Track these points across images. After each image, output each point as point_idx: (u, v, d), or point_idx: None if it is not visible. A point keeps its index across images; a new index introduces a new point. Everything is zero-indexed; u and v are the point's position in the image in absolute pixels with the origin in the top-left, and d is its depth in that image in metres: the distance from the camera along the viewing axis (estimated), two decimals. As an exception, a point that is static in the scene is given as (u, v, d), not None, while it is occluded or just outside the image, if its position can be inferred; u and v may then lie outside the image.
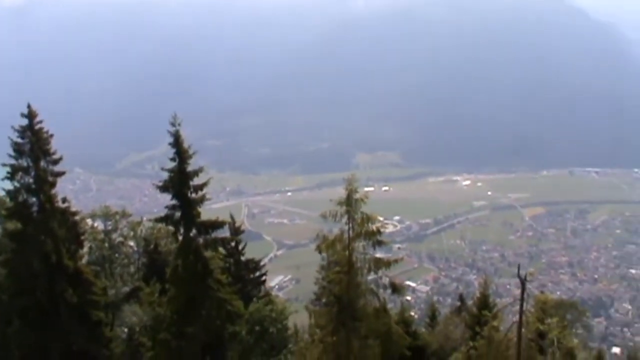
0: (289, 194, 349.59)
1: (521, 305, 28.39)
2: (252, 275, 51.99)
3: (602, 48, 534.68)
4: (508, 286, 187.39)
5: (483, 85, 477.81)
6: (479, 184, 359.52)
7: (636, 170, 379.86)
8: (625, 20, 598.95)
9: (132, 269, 53.84)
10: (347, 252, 31.49)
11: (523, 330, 32.03)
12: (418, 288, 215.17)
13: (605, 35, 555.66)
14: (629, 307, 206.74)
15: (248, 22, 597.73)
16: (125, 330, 43.23)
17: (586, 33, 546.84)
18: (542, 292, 58.94)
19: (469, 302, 50.82)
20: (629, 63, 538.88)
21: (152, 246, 49.49)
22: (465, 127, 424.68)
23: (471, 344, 35.03)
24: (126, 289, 49.22)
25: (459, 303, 57.79)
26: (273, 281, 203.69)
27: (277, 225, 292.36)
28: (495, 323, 33.86)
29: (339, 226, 31.44)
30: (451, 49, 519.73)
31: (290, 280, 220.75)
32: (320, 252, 32.04)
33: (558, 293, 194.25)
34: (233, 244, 48.63)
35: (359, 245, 31.87)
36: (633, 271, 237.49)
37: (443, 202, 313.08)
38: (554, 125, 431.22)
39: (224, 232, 45.72)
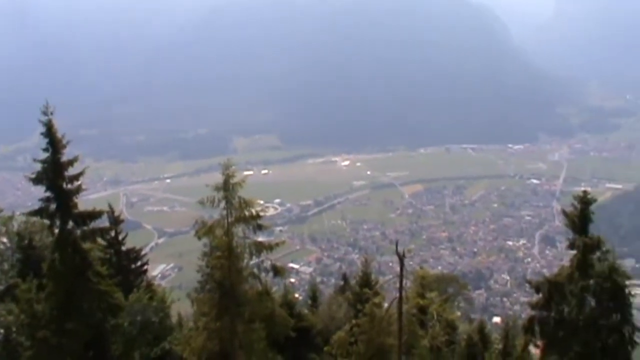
0: (168, 181, 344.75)
1: (400, 281, 28.73)
2: (133, 266, 50.88)
3: (477, 29, 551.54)
4: (390, 264, 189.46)
5: (359, 67, 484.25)
6: (358, 164, 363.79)
7: (510, 145, 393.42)
8: (499, 2, 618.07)
9: (6, 266, 51.74)
10: (226, 237, 31.19)
11: (404, 305, 32.46)
12: (301, 270, 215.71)
13: (480, 16, 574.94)
14: (507, 277, 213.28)
15: (120, 8, 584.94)
16: (1, 330, 41.65)
17: (462, 14, 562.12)
18: (422, 267, 59.93)
19: (352, 281, 51.16)
20: (502, 43, 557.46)
21: (26, 241, 47.73)
22: (343, 109, 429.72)
23: (354, 321, 35.31)
24: (0, 287, 47.42)
25: (342, 282, 58.14)
26: (155, 270, 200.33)
27: (157, 213, 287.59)
28: (376, 300, 34.19)
29: (219, 212, 31.12)
30: (326, 32, 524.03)
31: (172, 269, 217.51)
32: (199, 239, 31.59)
33: (439, 268, 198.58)
34: (112, 234, 47.45)
35: (239, 229, 31.61)
36: (510, 243, 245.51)
37: (323, 183, 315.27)
38: (429, 104, 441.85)
39: (103, 223, 44.57)
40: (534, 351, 41.48)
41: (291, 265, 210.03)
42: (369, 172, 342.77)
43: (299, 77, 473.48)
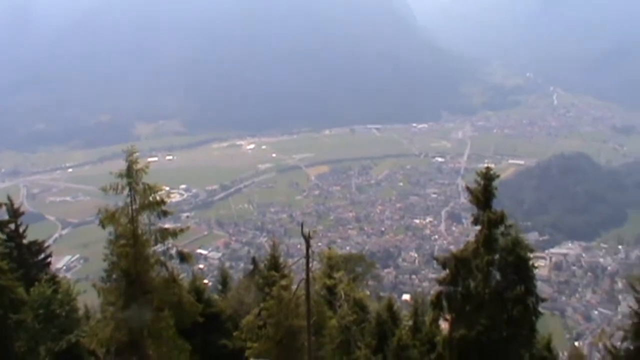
0: (70, 170, 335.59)
1: (307, 262, 28.66)
2: (36, 259, 49.51)
3: (379, 8, 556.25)
4: (299, 246, 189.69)
5: (261, 50, 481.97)
6: (264, 147, 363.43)
7: (414, 124, 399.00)
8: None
9: None
10: (131, 225, 30.60)
11: (312, 286, 32.46)
12: (210, 255, 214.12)
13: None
14: (415, 255, 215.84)
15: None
16: None
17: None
18: (330, 248, 60.18)
19: (262, 265, 50.96)
20: (405, 23, 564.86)
21: None
22: (247, 92, 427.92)
23: (262, 305, 35.20)
24: None
25: (251, 266, 57.95)
26: (60, 262, 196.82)
27: (60, 203, 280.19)
28: (284, 282, 34.12)
29: (123, 199, 30.53)
30: (227, 16, 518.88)
31: (78, 260, 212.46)
32: (103, 227, 30.87)
33: (347, 248, 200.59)
34: (12, 227, 45.96)
35: (144, 216, 31.08)
36: (417, 221, 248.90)
37: (229, 168, 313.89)
38: (333, 86, 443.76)
39: (2, 216, 43.23)
40: (443, 326, 42.12)
41: (199, 251, 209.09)
42: (274, 155, 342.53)
43: (201, 61, 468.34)
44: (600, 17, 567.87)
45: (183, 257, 32.77)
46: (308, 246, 28.36)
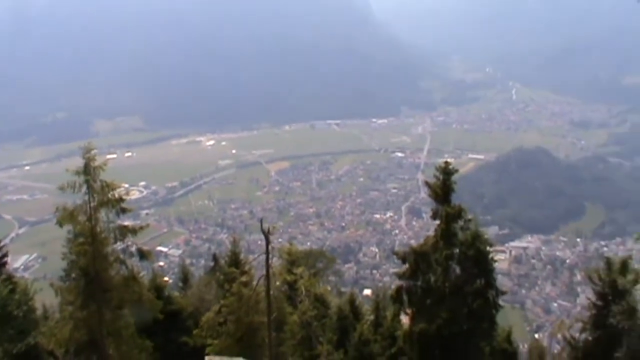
0: (27, 168, 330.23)
1: (267, 258, 28.63)
2: (-9, 259, 48.73)
3: (338, 3, 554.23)
4: (259, 242, 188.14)
5: (220, 46, 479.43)
6: (223, 143, 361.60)
7: (374, 120, 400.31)
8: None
9: None
10: (89, 223, 30.28)
11: (274, 282, 32.43)
12: (170, 252, 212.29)
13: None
14: (376, 250, 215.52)
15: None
16: None
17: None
18: (291, 244, 60.05)
19: (222, 262, 50.77)
20: (365, 18, 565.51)
21: None
22: (206, 88, 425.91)
23: (222, 302, 35.09)
24: None
25: (212, 263, 57.74)
26: (18, 262, 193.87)
27: (17, 202, 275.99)
28: (244, 279, 34.03)
29: (81, 197, 30.20)
30: (186, 12, 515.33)
31: (36, 259, 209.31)
32: (61, 226, 30.52)
33: (308, 244, 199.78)
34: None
35: (103, 214, 30.79)
36: (377, 216, 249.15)
37: (188, 164, 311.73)
38: (293, 82, 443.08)
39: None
40: (404, 320, 42.25)
41: (159, 248, 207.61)
42: (234, 151, 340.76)
43: (160, 57, 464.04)
44: (559, 13, 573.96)
45: (143, 255, 32.58)
46: (268, 242, 28.36)
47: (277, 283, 40.74)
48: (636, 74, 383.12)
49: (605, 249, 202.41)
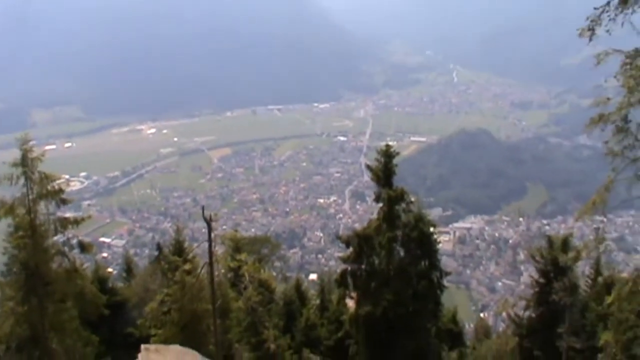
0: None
1: (210, 246, 28.39)
2: None
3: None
4: (204, 230, 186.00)
5: (160, 32, 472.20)
6: (165, 131, 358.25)
7: (316, 104, 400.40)
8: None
9: None
10: (29, 215, 29.70)
11: (218, 269, 32.26)
12: (113, 243, 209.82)
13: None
14: (321, 234, 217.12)
15: None
16: None
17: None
18: (236, 230, 59.92)
19: (166, 250, 50.38)
20: (303, 5, 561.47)
21: None
22: (146, 76, 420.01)
23: (165, 291, 34.81)
24: None
25: (156, 253, 57.24)
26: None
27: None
28: (186, 267, 33.80)
29: (20, 189, 29.62)
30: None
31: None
32: (-1, 220, 29.94)
33: (253, 230, 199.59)
34: None
35: (42, 206, 30.23)
36: (321, 200, 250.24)
37: (130, 153, 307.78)
38: (234, 67, 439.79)
39: None
40: (350, 304, 42.45)
41: (102, 239, 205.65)
42: (175, 139, 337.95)
43: (99, 45, 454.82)
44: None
45: (84, 247, 32.10)
46: (210, 229, 28.16)
47: (222, 270, 40.58)
48: (574, 55, 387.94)
49: (547, 227, 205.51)
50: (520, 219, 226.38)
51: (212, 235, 28.32)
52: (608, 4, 18.93)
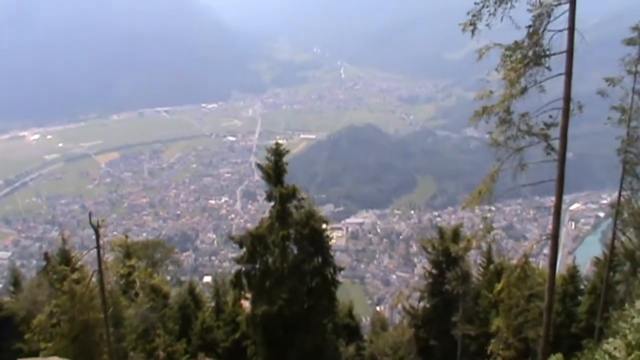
0: None
1: (98, 253, 27.79)
2: None
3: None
4: (94, 237, 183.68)
5: (40, 35, 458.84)
6: (49, 136, 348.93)
7: (204, 105, 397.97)
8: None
9: None
10: None
11: (109, 277, 31.57)
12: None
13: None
14: (213, 236, 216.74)
15: None
16: None
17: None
18: (127, 236, 58.69)
19: (54, 260, 48.94)
20: (189, 4, 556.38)
21: None
22: (27, 80, 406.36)
23: (53, 302, 33.86)
24: None
25: (44, 263, 55.59)
26: None
27: None
28: (75, 276, 32.92)
29: None
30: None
31: None
32: None
33: (144, 234, 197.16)
34: None
35: None
36: (213, 202, 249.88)
37: (12, 161, 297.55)
38: (118, 69, 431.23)
39: None
40: (245, 304, 42.33)
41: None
42: (61, 144, 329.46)
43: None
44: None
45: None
46: (98, 236, 27.56)
47: (114, 277, 39.74)
48: (457, 49, 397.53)
49: (438, 219, 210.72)
50: (412, 211, 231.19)
51: (101, 241, 27.74)
52: (488, -2, 19.38)
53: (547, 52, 20.11)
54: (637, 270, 30.66)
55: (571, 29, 19.70)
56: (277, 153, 35.83)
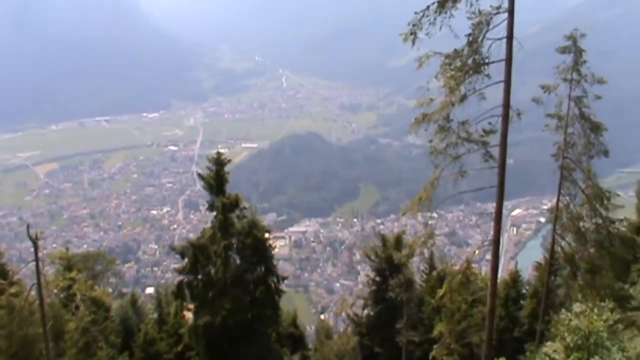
0: None
1: (37, 266, 27.27)
2: None
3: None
4: (32, 249, 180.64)
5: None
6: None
7: (145, 114, 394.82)
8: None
9: None
10: None
11: (48, 290, 31.00)
12: None
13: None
14: (156, 247, 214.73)
15: None
16: None
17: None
18: (67, 248, 57.72)
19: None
20: (128, 10, 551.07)
21: None
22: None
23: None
24: None
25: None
26: None
27: None
28: (13, 290, 32.26)
29: None
30: None
31: None
32: None
33: (85, 246, 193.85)
34: None
35: None
36: (154, 212, 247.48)
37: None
38: (57, 78, 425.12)
39: None
40: (188, 315, 41.99)
41: None
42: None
43: None
44: (321, 0, 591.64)
45: None
46: (37, 248, 27.06)
47: (54, 291, 39.07)
48: (399, 57, 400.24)
49: (381, 226, 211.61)
50: (355, 219, 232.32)
51: (40, 254, 27.18)
52: (427, 8, 19.60)
53: (487, 60, 20.44)
54: (576, 274, 31.17)
55: (510, 37, 20.05)
56: (219, 162, 35.72)
